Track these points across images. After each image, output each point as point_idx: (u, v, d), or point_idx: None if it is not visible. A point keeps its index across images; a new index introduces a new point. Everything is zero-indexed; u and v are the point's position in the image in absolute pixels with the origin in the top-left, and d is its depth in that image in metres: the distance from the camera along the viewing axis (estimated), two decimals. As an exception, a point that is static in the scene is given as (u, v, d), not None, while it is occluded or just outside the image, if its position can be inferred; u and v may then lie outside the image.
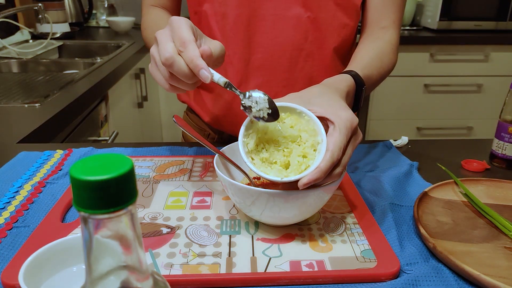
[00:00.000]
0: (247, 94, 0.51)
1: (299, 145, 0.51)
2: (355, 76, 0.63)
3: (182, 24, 0.53)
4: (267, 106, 0.50)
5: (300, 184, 0.47)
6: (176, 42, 0.51)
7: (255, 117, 0.51)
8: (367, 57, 0.72)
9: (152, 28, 0.80)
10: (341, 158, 0.49)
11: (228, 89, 0.53)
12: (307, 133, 0.51)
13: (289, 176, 0.48)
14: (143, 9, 0.86)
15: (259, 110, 0.50)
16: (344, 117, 0.50)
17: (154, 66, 0.55)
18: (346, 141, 0.49)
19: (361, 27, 0.83)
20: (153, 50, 0.55)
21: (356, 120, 0.51)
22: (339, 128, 0.49)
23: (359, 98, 0.65)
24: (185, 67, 0.51)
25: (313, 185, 0.58)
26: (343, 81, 0.61)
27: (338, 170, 0.49)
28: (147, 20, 0.84)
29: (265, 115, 0.50)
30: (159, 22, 0.80)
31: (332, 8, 0.77)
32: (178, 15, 0.89)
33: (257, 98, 0.50)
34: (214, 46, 0.54)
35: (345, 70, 0.66)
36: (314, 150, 0.50)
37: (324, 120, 0.51)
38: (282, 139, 0.52)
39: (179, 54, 0.51)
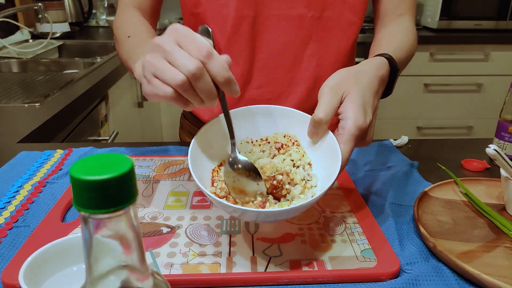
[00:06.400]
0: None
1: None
2: (389, 59, 0.62)
3: (193, 32, 0.46)
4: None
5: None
6: (195, 52, 0.44)
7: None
8: (395, 40, 0.72)
9: (125, 28, 0.73)
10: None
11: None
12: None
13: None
14: (119, 7, 0.81)
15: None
16: (357, 124, 0.50)
17: (154, 79, 0.46)
18: (352, 149, 0.50)
19: (374, 18, 0.83)
20: (153, 58, 0.46)
21: (365, 125, 0.51)
22: (348, 137, 0.50)
23: (392, 83, 0.64)
24: (210, 81, 0.45)
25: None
26: (382, 67, 0.60)
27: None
28: (120, 20, 0.77)
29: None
30: (136, 24, 0.74)
31: (338, 6, 0.76)
32: (156, 19, 0.85)
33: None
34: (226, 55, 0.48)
35: (379, 53, 0.64)
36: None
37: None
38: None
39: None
